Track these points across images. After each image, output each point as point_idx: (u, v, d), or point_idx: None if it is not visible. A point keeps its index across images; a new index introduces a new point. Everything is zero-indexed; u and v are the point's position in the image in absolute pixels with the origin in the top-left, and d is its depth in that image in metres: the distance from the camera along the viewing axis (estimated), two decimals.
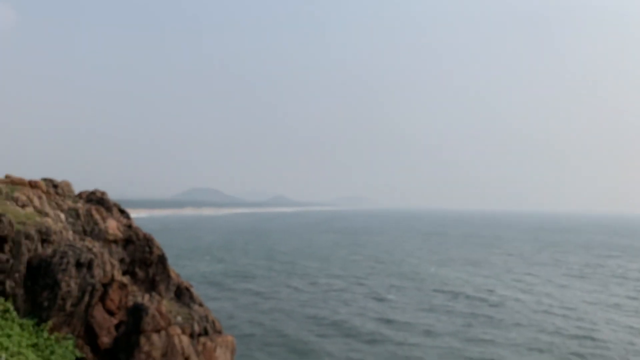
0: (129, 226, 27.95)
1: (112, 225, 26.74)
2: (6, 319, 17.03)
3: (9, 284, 17.59)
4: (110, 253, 24.67)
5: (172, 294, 26.90)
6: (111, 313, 20.92)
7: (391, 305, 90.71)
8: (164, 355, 18.29)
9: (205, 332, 24.17)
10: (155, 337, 18.20)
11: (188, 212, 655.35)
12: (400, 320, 76.72)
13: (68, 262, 18.13)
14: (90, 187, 32.59)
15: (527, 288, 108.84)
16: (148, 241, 27.05)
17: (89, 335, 18.91)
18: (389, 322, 76.86)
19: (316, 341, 66.61)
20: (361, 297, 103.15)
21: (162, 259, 27.00)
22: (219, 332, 25.36)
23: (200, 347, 22.01)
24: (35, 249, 19.33)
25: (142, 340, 17.94)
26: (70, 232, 23.66)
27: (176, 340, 18.63)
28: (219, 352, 23.44)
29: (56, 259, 18.12)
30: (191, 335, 22.24)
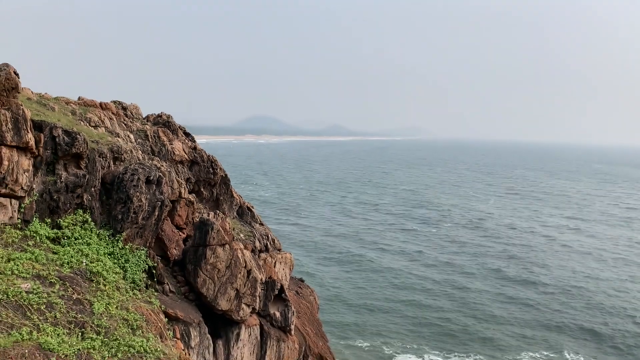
0: (194, 148, 28.96)
1: (178, 147, 27.77)
2: (85, 229, 18.46)
3: (86, 197, 18.90)
4: (177, 173, 25.83)
5: (234, 213, 28.10)
6: (179, 228, 22.21)
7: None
8: (228, 267, 19.40)
9: (266, 249, 25.33)
10: (220, 250, 19.26)
11: (248, 139, 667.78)
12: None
13: (139, 179, 19.15)
14: (153, 111, 33.73)
15: None
16: (212, 163, 28.02)
17: (159, 247, 20.24)
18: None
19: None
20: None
21: (225, 180, 28.01)
22: (279, 250, 26.50)
23: (261, 262, 23.15)
24: (108, 166, 20.52)
25: (208, 252, 19.04)
26: (140, 152, 24.83)
27: (239, 254, 19.66)
28: (278, 267, 24.59)
29: (128, 176, 19.17)
30: (252, 251, 23.38)
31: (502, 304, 58.53)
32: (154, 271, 18.56)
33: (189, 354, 16.61)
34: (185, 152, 27.28)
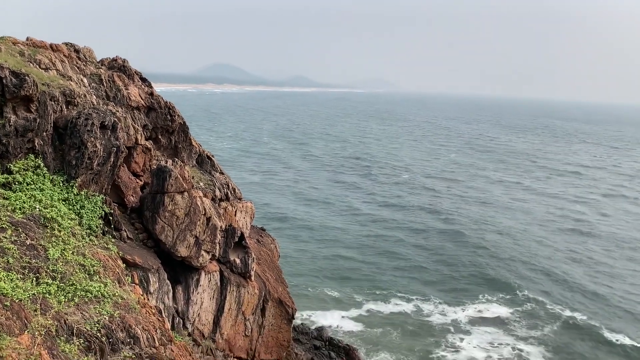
0: (151, 94, 28.12)
1: (135, 92, 26.93)
2: (37, 175, 17.93)
3: (37, 142, 18.26)
4: (133, 119, 25.14)
5: (194, 162, 27.75)
6: (136, 175, 21.85)
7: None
8: (187, 214, 19.33)
9: (227, 198, 25.27)
10: (178, 197, 19.11)
11: (209, 88, 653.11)
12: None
13: (93, 124, 18.58)
14: (108, 56, 32.38)
15: None
16: (170, 109, 27.35)
17: (116, 194, 19.92)
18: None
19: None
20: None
21: (183, 128, 27.49)
22: (240, 199, 26.48)
23: (221, 211, 23.15)
24: (61, 110, 19.77)
25: (167, 200, 18.87)
26: (94, 97, 23.96)
27: (198, 202, 19.57)
28: (239, 215, 24.66)
29: (81, 120, 18.57)
30: (213, 200, 23.31)
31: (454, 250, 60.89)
32: (111, 218, 18.32)
33: (148, 299, 16.68)
34: (141, 98, 26.51)
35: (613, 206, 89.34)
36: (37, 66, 23.46)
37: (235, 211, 24.92)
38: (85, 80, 25.86)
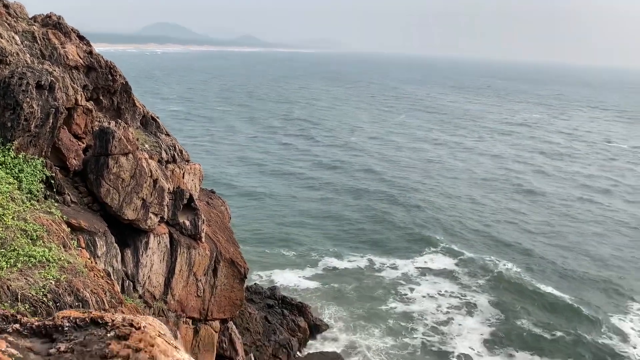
0: (90, 53, 26.87)
1: (72, 51, 25.66)
2: None
3: None
4: (72, 79, 24.04)
5: (138, 123, 26.98)
6: (78, 137, 21.08)
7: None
8: (133, 176, 18.93)
9: (174, 160, 24.83)
10: (123, 159, 18.65)
11: (151, 48, 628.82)
12: None
13: (28, 84, 17.67)
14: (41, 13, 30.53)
15: None
16: (110, 69, 26.29)
17: (57, 157, 19.21)
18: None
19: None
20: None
21: (126, 88, 26.56)
22: (187, 161, 26.10)
23: (168, 173, 22.79)
24: None
25: (111, 162, 18.38)
26: (28, 55, 22.70)
27: (144, 164, 19.17)
28: (187, 178, 24.36)
29: (15, 80, 17.62)
30: (159, 162, 22.87)
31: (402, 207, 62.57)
32: (53, 181, 17.71)
33: (96, 263, 16.42)
34: (80, 57, 25.33)
35: (551, 164, 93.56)
36: None
37: (183, 173, 24.59)
38: (17, 37, 24.38)
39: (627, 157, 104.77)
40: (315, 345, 35.22)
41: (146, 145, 24.23)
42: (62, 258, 14.02)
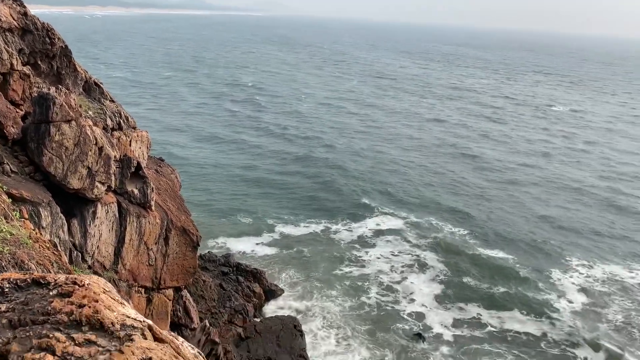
0: (25, 14, 25.34)
1: (5, 12, 24.10)
2: None
3: None
4: (6, 42, 22.67)
5: (80, 89, 25.85)
6: (15, 104, 20.07)
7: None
8: (77, 144, 18.26)
9: (119, 127, 24.05)
10: (65, 127, 17.92)
11: (90, 10, 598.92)
12: None
13: None
14: None
15: None
16: (48, 32, 24.90)
17: None
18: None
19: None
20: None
21: (65, 52, 25.28)
22: (134, 128, 25.33)
23: (114, 140, 22.09)
24: None
25: (52, 129, 17.64)
26: None
27: (88, 131, 18.50)
28: (134, 145, 23.71)
29: None
30: (104, 129, 22.10)
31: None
32: None
33: (41, 234, 15.90)
34: (14, 19, 23.84)
35: (494, 129, 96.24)
36: None
37: (130, 140, 23.90)
38: None
39: (566, 120, 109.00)
40: (271, 310, 35.68)
41: (90, 112, 23.32)
42: (4, 230, 13.48)
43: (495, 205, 57.24)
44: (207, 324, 27.93)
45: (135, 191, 21.46)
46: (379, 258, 43.86)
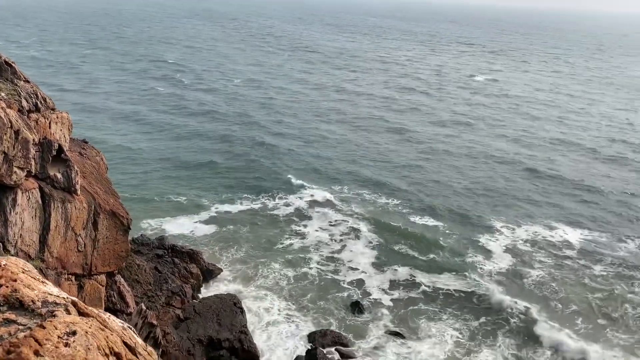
0: None
1: None
2: None
3: None
4: None
5: None
6: None
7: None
8: None
9: (37, 109, 22.70)
10: None
11: None
12: None
13: None
14: None
15: None
16: None
17: None
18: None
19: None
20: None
21: None
22: (53, 109, 23.98)
23: (32, 123, 20.85)
24: None
25: None
26: None
27: (2, 114, 17.36)
28: (54, 127, 22.50)
29: None
30: (20, 111, 20.79)
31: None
32: None
33: None
34: None
35: (418, 101, 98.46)
36: None
37: (49, 123, 22.63)
38: None
39: (486, 90, 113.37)
40: (211, 289, 35.43)
41: (2, 94, 21.83)
42: None
43: (423, 176, 59.02)
44: (144, 307, 27.37)
45: (59, 175, 20.47)
46: (318, 230, 44.60)
